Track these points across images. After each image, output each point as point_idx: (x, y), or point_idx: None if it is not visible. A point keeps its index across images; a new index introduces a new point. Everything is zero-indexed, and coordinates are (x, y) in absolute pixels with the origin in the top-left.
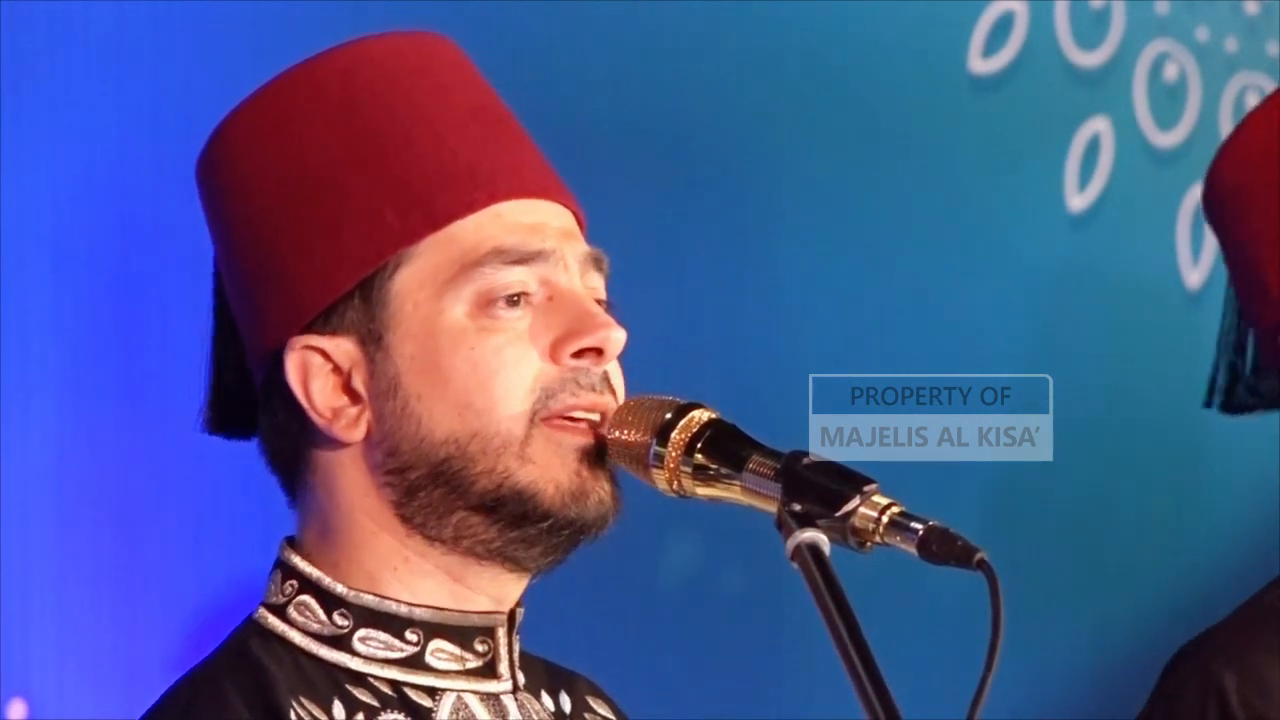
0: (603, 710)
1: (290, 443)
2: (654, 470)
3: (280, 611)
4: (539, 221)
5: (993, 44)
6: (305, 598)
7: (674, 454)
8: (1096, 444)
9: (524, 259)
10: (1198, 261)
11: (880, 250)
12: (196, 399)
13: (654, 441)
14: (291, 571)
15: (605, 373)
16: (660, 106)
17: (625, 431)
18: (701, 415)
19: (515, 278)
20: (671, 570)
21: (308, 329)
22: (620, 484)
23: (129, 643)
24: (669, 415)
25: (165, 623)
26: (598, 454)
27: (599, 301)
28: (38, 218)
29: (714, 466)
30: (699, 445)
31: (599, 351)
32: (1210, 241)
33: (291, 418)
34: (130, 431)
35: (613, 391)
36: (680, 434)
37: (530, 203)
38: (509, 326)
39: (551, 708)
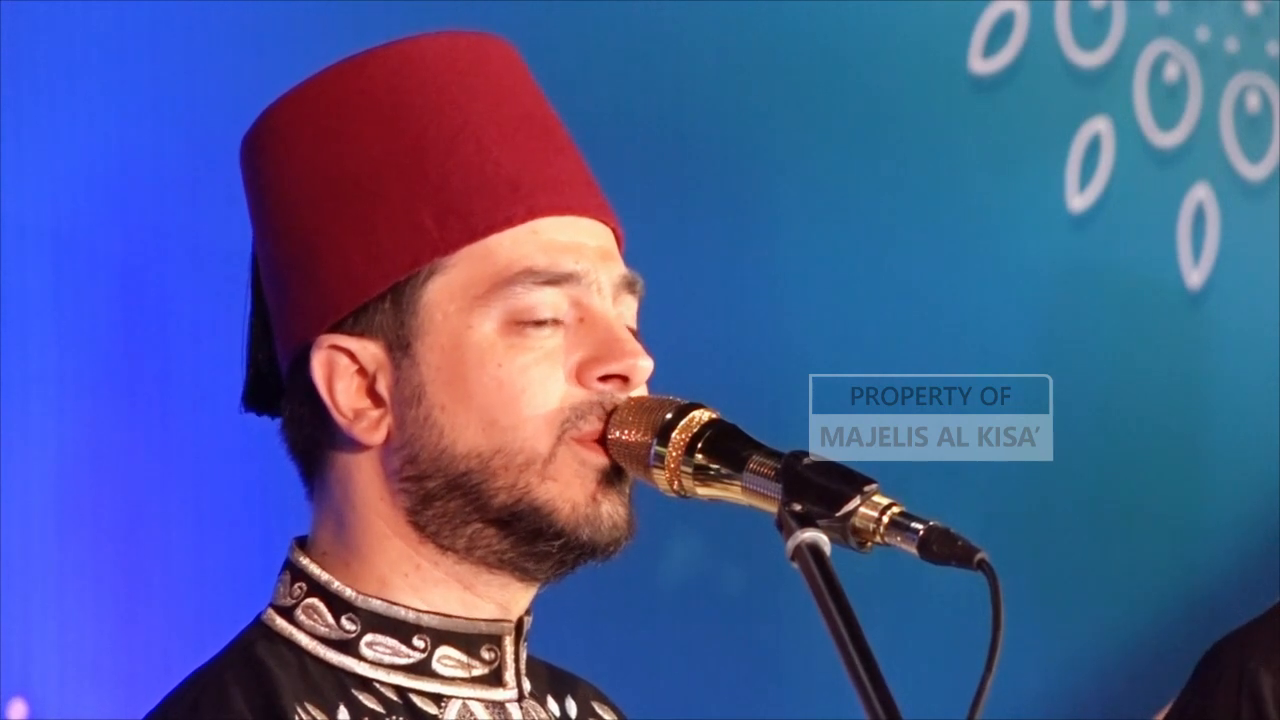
0: (608, 716)
1: (310, 437)
2: (654, 470)
3: (288, 614)
4: (576, 241)
5: (993, 44)
6: (313, 601)
7: (674, 454)
8: (1096, 444)
9: (556, 280)
10: (1198, 262)
11: (881, 250)
12: (197, 398)
13: (655, 441)
14: (301, 574)
15: (629, 397)
16: (660, 106)
17: (626, 431)
18: (702, 415)
19: (546, 300)
20: (672, 570)
21: (336, 327)
22: (634, 508)
23: (129, 643)
24: (669, 415)
25: (165, 623)
26: (617, 476)
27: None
28: (38, 218)
29: (714, 466)
30: (699, 445)
31: (625, 379)
32: (1211, 242)
33: (313, 412)
34: (130, 431)
35: None
36: (681, 434)
37: (569, 220)
38: (537, 345)
39: (557, 713)
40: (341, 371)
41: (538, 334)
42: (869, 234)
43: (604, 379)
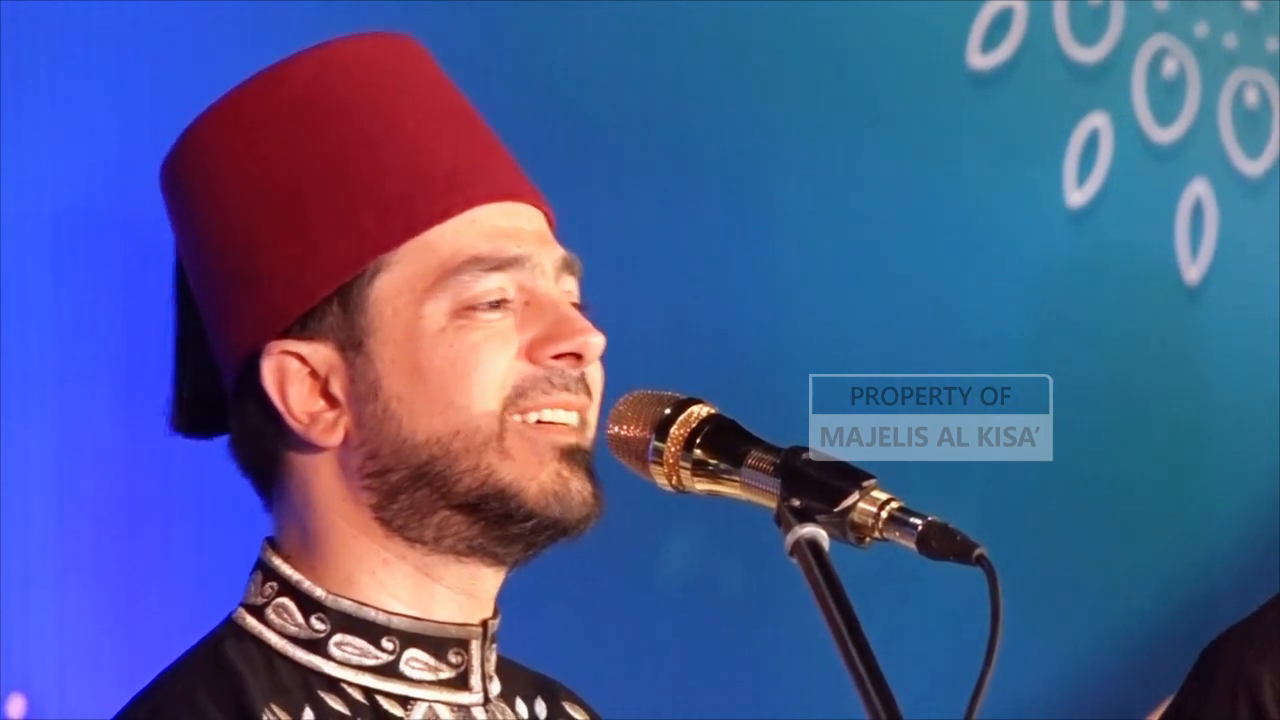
0: (580, 716)
1: (265, 446)
2: (653, 465)
3: (259, 613)
4: (515, 226)
5: (991, 39)
6: (284, 600)
7: (673, 449)
8: (1096, 441)
9: (501, 265)
10: (1196, 257)
11: (879, 248)
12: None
13: (653, 436)
14: (272, 573)
15: (583, 374)
16: (659, 102)
17: (624, 426)
18: (701, 410)
19: (493, 284)
20: (671, 567)
21: (284, 334)
22: (602, 484)
23: (129, 639)
24: (668, 410)
25: (165, 619)
26: (577, 454)
27: (574, 305)
28: (38, 218)
29: (713, 462)
30: (698, 440)
31: (578, 356)
32: (1209, 237)
33: (266, 421)
34: (130, 431)
35: (589, 393)
36: (679, 429)
37: (505, 206)
38: (488, 325)
39: (526, 715)
40: (293, 376)
41: (488, 316)
42: (869, 231)
43: (557, 357)
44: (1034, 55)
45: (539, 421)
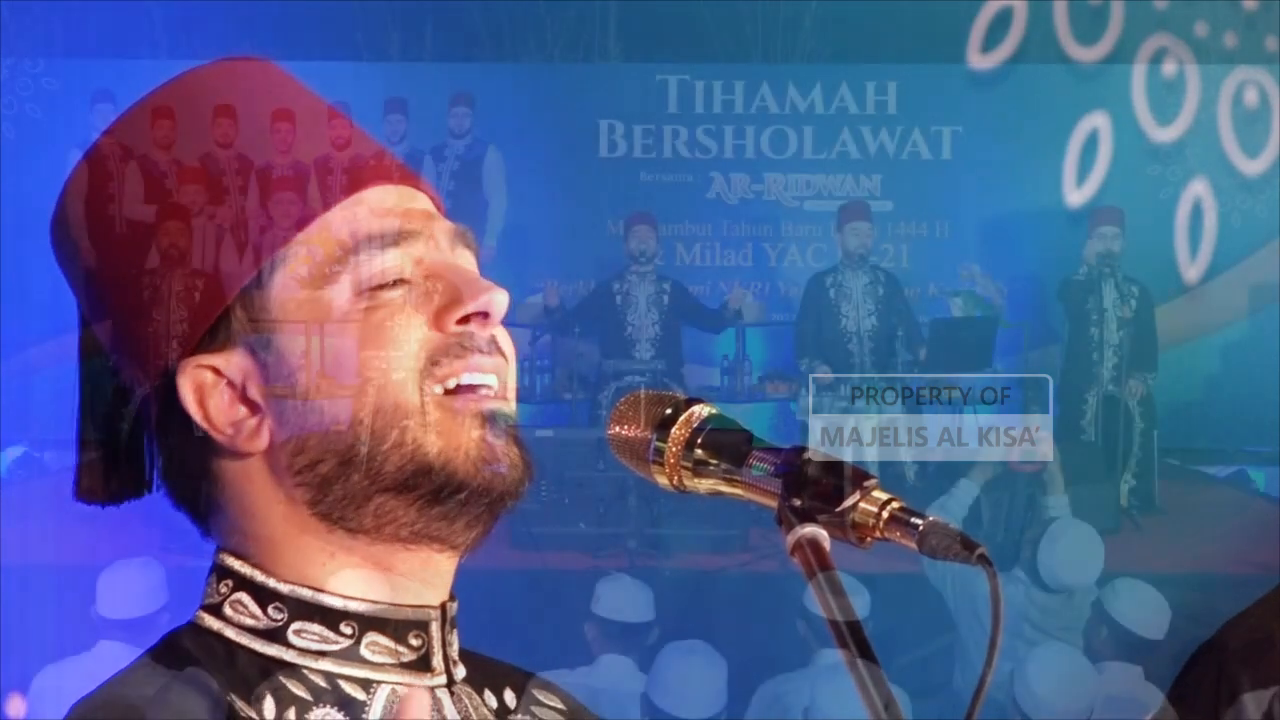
0: (553, 701)
1: (195, 467)
2: (654, 465)
3: (216, 610)
4: (400, 206)
5: (992, 39)
6: (240, 595)
7: (674, 449)
8: (1096, 443)
9: (396, 240)
10: (1195, 257)
11: (880, 247)
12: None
13: (654, 437)
14: (226, 572)
15: (493, 335)
16: (658, 101)
17: (625, 426)
18: (702, 410)
19: (391, 262)
20: (675, 560)
21: (195, 350)
22: (529, 448)
23: (128, 639)
24: (669, 410)
25: (165, 618)
26: (499, 418)
27: None
28: (38, 218)
29: (714, 462)
30: (699, 440)
31: (484, 315)
32: (1208, 237)
33: (192, 440)
34: None
35: (502, 353)
36: (681, 429)
37: (391, 188)
38: (391, 302)
39: (494, 704)
40: (210, 389)
41: (389, 295)
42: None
43: (464, 321)
44: (1034, 55)
45: (457, 387)
